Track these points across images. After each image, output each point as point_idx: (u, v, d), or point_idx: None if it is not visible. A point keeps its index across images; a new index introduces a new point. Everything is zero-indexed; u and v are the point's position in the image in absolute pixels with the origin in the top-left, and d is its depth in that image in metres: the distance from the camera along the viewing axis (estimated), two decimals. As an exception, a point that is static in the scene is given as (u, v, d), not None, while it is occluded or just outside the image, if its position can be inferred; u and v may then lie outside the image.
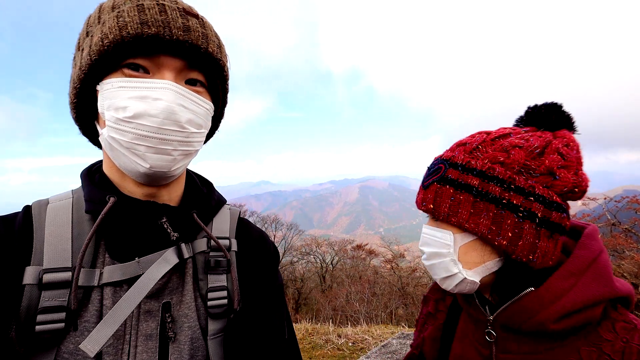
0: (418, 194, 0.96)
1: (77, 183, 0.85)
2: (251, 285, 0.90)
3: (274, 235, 26.04)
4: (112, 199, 0.73)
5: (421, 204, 0.91)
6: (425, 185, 0.91)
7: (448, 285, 0.87)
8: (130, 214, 0.76)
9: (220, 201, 0.97)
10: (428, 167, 0.95)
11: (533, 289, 0.77)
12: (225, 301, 0.82)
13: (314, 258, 26.50)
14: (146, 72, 0.72)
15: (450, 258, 0.83)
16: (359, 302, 11.28)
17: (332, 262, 26.23)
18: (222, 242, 0.88)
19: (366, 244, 27.66)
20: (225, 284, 0.84)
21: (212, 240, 0.85)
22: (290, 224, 28.66)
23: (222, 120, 0.97)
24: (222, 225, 0.93)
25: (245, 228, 1.00)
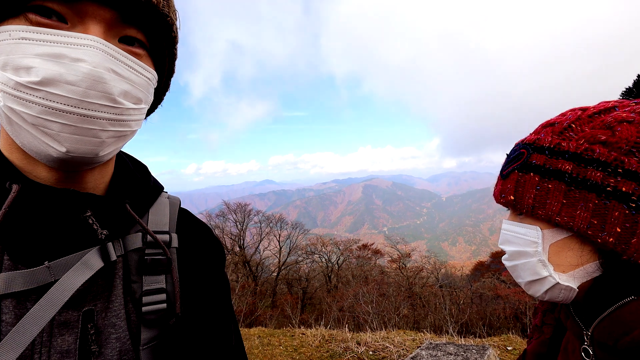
0: (495, 185, 0.80)
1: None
2: (194, 286, 0.74)
3: (279, 234, 25.93)
4: (15, 187, 0.53)
5: (499, 196, 0.77)
6: (504, 174, 0.76)
7: (535, 291, 0.72)
8: (41, 206, 0.56)
9: (157, 188, 0.79)
10: (507, 154, 0.79)
11: (634, 297, 0.61)
12: (163, 305, 0.67)
13: (319, 257, 26.35)
14: (62, 21, 0.51)
15: (538, 258, 0.69)
16: (367, 303, 11.08)
17: (337, 261, 26.06)
18: (160, 237, 0.70)
19: (372, 244, 27.54)
20: (164, 285, 0.68)
21: (149, 236, 0.68)
22: (295, 222, 28.50)
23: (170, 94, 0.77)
24: (160, 218, 0.75)
25: (187, 221, 0.82)
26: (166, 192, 0.83)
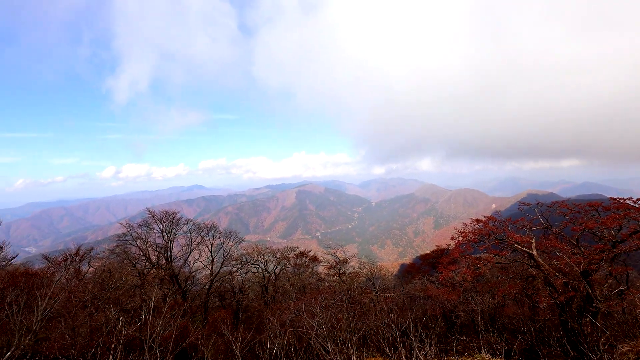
0: None
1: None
2: None
3: (212, 244, 24.09)
4: None
5: None
6: None
7: None
8: None
9: None
10: None
11: None
12: None
13: (255, 267, 25.06)
14: None
15: None
16: (311, 317, 10.49)
17: (274, 271, 25.04)
18: None
19: (309, 251, 27.13)
20: None
21: None
22: (229, 230, 26.74)
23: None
24: None
25: None
26: None
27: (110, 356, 8.50)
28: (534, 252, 10.96)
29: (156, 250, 22.37)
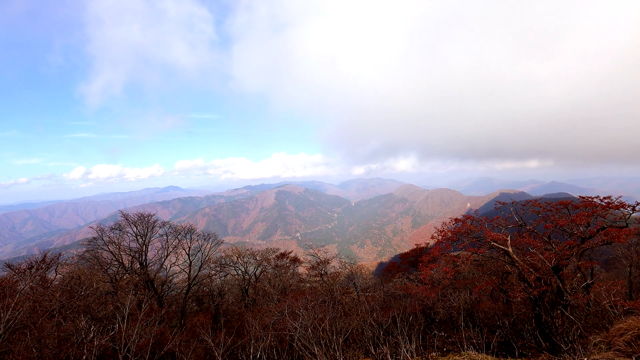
0: None
1: None
2: None
3: (190, 247, 23.45)
4: None
5: None
6: None
7: None
8: None
9: None
10: None
11: None
12: None
13: (235, 269, 24.59)
14: None
15: None
16: (293, 319, 10.35)
17: (255, 273, 24.65)
18: None
19: (290, 252, 26.94)
20: None
21: None
22: (207, 233, 26.11)
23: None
24: None
25: None
26: None
27: (82, 368, 8.06)
28: (509, 249, 11.29)
29: (130, 255, 21.54)
